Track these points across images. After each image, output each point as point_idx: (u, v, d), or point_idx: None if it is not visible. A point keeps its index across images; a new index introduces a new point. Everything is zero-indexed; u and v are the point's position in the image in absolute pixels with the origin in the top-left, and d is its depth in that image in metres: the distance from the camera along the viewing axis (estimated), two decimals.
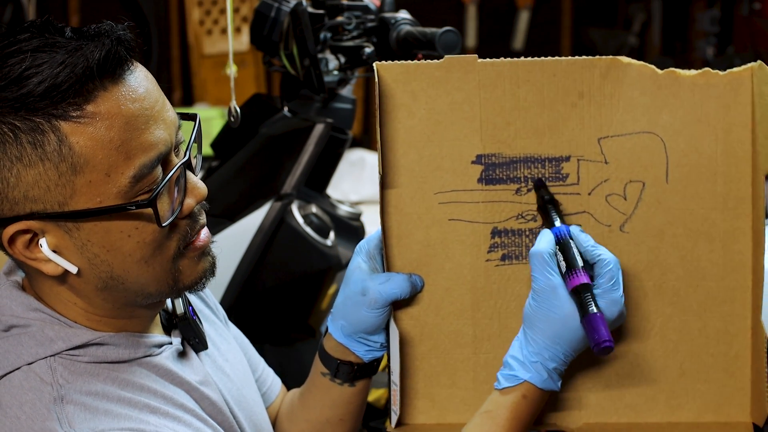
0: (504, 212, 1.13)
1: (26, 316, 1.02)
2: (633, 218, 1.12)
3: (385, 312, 1.14)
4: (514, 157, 1.12)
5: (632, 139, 1.11)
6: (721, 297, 1.13)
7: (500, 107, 1.11)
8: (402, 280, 1.13)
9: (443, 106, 1.11)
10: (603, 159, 1.12)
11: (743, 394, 1.14)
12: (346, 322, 1.16)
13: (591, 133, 1.11)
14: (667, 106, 1.10)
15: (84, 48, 0.93)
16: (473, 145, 1.12)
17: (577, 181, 1.12)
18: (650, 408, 1.15)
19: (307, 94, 2.00)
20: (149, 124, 0.97)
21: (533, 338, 1.06)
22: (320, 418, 1.25)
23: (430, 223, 1.13)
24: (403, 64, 1.11)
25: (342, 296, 1.16)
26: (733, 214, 1.12)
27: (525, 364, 1.07)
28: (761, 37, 4.72)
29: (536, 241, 1.07)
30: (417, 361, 1.16)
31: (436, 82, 1.11)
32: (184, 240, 1.03)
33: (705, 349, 1.14)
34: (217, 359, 1.17)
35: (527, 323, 1.07)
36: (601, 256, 1.05)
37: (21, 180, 0.94)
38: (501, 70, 1.10)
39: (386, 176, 1.12)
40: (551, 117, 1.11)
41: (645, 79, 1.10)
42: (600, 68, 1.10)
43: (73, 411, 0.96)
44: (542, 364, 1.06)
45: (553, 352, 1.06)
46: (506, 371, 1.08)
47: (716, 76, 1.10)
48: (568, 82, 1.10)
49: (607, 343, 1.00)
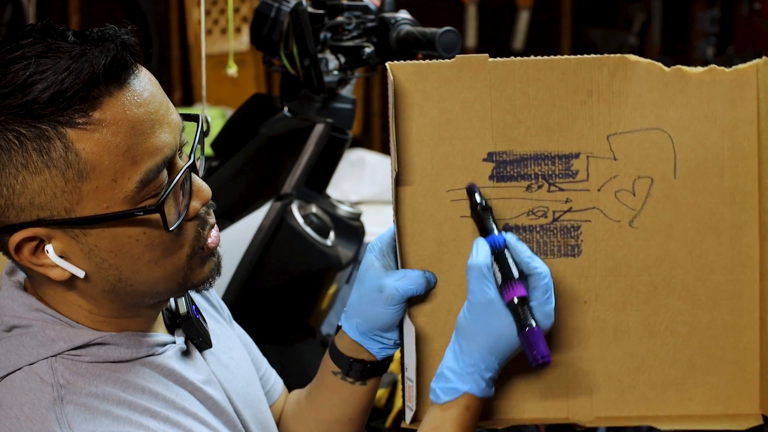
0: (515, 209, 1.14)
1: (28, 317, 1.02)
2: (642, 214, 1.14)
3: (401, 308, 1.14)
4: (525, 155, 1.13)
5: (640, 136, 1.12)
6: (729, 290, 1.14)
7: (511, 105, 1.12)
8: (417, 276, 1.13)
9: (455, 105, 1.12)
10: (612, 156, 1.13)
11: (752, 386, 1.16)
12: (361, 320, 1.16)
13: (600, 130, 1.12)
14: (675, 103, 1.12)
15: (89, 53, 0.93)
16: (484, 143, 1.13)
17: (586, 177, 1.13)
18: (661, 401, 1.16)
19: (307, 94, 2.00)
20: (155, 128, 0.97)
21: (469, 350, 1.07)
22: (329, 418, 1.26)
23: (442, 221, 1.14)
24: (416, 64, 1.12)
25: (356, 294, 1.16)
26: (740, 208, 1.13)
27: (462, 375, 1.07)
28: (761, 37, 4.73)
29: (472, 252, 1.08)
30: (431, 357, 1.17)
31: (448, 82, 1.12)
32: (198, 241, 1.03)
33: (714, 342, 1.15)
34: (222, 358, 1.17)
35: (462, 335, 1.08)
36: (537, 269, 1.06)
37: (27, 187, 0.94)
38: (511, 69, 1.11)
39: (400, 174, 1.13)
40: (561, 115, 1.12)
41: (652, 77, 1.12)
42: (608, 66, 1.11)
43: (73, 412, 0.96)
44: (480, 375, 1.07)
45: (488, 363, 1.07)
46: (443, 383, 1.08)
47: (722, 72, 1.12)
48: (577, 81, 1.11)
49: (546, 358, 1.02)
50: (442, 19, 2.45)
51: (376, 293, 1.13)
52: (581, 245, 1.14)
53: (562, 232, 1.14)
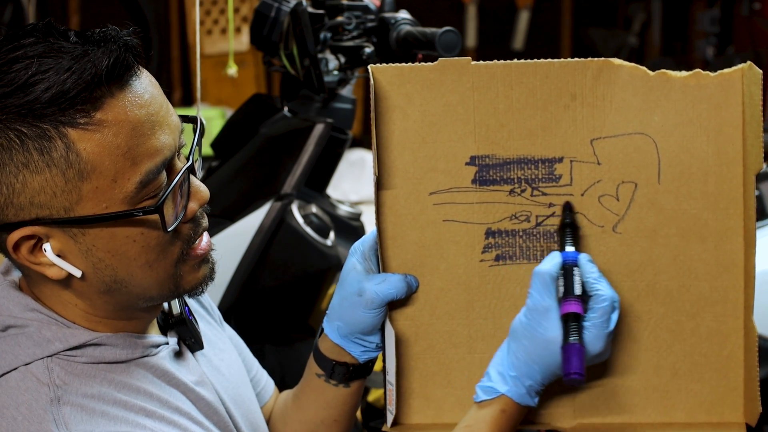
0: (498, 213, 1.13)
1: (23, 317, 1.02)
2: (626, 219, 1.13)
3: (382, 312, 1.14)
4: (508, 159, 1.12)
5: (624, 140, 1.11)
6: (713, 297, 1.13)
7: (494, 109, 1.11)
8: (398, 280, 1.13)
9: (437, 108, 1.12)
10: (596, 160, 1.12)
11: (736, 394, 1.14)
12: (342, 323, 1.16)
13: (584, 135, 1.11)
14: (659, 107, 1.11)
15: (91, 54, 0.93)
16: (467, 147, 1.12)
17: (570, 182, 1.12)
18: (644, 408, 1.16)
19: (307, 94, 2.01)
20: (155, 129, 0.97)
21: (515, 353, 1.07)
22: (314, 419, 1.26)
23: (424, 224, 1.14)
24: (398, 67, 1.12)
25: (338, 297, 1.16)
26: (724, 214, 1.12)
27: (504, 377, 1.07)
28: (761, 37, 4.73)
29: (542, 261, 1.08)
30: (412, 361, 1.17)
31: (431, 84, 1.11)
32: (188, 244, 1.03)
33: (698, 349, 1.14)
34: (213, 359, 1.17)
35: (513, 337, 1.08)
36: (598, 291, 1.06)
37: (27, 186, 0.94)
38: (494, 72, 1.11)
39: (381, 177, 1.12)
40: (544, 118, 1.11)
41: (637, 81, 1.11)
42: (592, 70, 1.10)
43: (70, 412, 0.96)
44: (519, 380, 1.07)
45: (531, 370, 1.06)
46: (485, 382, 1.09)
47: (707, 77, 1.11)
48: (560, 84, 1.11)
49: (576, 375, 1.02)
50: (442, 19, 2.45)
51: (357, 297, 1.13)
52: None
53: (545, 237, 1.13)
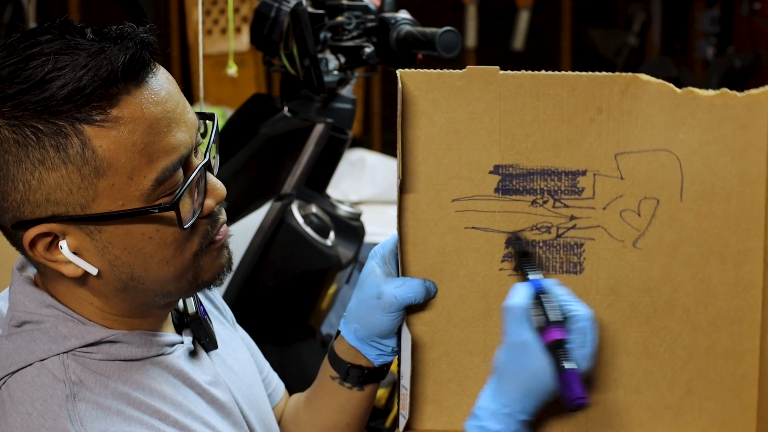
0: (519, 223, 1.13)
1: (39, 312, 1.02)
2: (646, 235, 1.13)
3: (399, 316, 1.14)
4: (532, 169, 1.12)
5: (648, 156, 1.11)
6: (730, 316, 1.13)
7: (519, 119, 1.11)
8: (417, 284, 1.13)
9: (463, 116, 1.12)
10: (619, 175, 1.12)
11: (749, 414, 1.14)
12: (359, 326, 1.16)
13: (608, 149, 1.11)
14: (685, 125, 1.11)
15: (107, 51, 0.93)
16: (491, 155, 1.12)
17: (592, 195, 1.12)
18: (656, 423, 1.15)
19: (307, 94, 2.01)
20: (171, 126, 0.97)
21: (506, 390, 1.05)
22: (327, 423, 1.25)
23: (445, 230, 1.14)
24: (426, 73, 1.12)
25: (356, 300, 1.16)
26: (745, 234, 1.12)
27: (496, 415, 1.05)
28: (761, 37, 4.72)
29: (510, 294, 1.07)
30: (427, 366, 1.16)
31: (458, 92, 1.11)
32: (206, 238, 1.03)
33: (713, 368, 1.14)
34: (227, 359, 1.17)
35: (499, 374, 1.06)
36: (575, 312, 1.05)
37: (43, 183, 0.94)
38: (522, 83, 1.11)
39: (405, 182, 1.12)
40: (569, 131, 1.11)
41: (663, 98, 1.10)
42: (619, 84, 1.10)
43: (85, 409, 0.96)
44: (513, 417, 1.05)
45: (524, 405, 1.05)
46: (476, 422, 1.06)
47: (734, 97, 1.10)
48: (587, 97, 1.10)
49: (581, 400, 1.01)
50: (442, 19, 2.45)
51: (375, 300, 1.13)
52: (584, 263, 1.13)
53: (565, 249, 1.13)
